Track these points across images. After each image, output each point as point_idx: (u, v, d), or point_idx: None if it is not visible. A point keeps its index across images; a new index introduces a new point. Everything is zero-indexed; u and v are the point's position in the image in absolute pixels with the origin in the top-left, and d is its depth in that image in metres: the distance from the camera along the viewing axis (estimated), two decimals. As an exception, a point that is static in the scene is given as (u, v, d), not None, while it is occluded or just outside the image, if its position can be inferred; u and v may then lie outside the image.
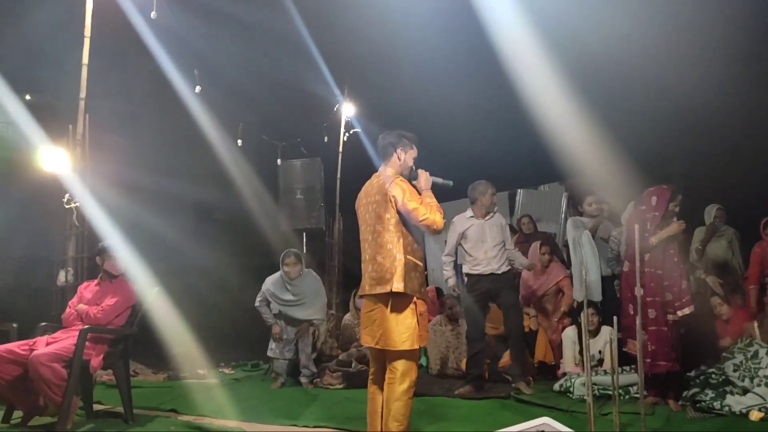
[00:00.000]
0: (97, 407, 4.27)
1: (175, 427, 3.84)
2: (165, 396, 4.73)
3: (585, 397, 3.02)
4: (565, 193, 8.14)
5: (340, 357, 5.70)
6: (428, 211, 2.86)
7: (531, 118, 6.10)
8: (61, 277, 5.25)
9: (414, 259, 2.91)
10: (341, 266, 8.28)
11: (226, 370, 6.23)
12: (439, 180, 3.14)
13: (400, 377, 2.84)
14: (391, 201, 2.90)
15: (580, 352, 4.87)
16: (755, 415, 3.56)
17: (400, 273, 2.82)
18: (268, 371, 5.79)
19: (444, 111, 8.12)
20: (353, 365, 5.45)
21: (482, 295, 4.72)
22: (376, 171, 3.17)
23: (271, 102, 7.42)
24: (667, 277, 3.98)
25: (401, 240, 2.87)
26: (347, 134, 8.35)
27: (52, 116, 5.64)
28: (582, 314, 3.43)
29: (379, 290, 2.88)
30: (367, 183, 3.15)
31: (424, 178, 3.05)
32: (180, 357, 5.59)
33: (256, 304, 5.42)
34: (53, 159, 5.07)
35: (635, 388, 4.20)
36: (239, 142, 6.77)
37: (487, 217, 4.82)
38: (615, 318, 3.29)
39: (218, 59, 6.71)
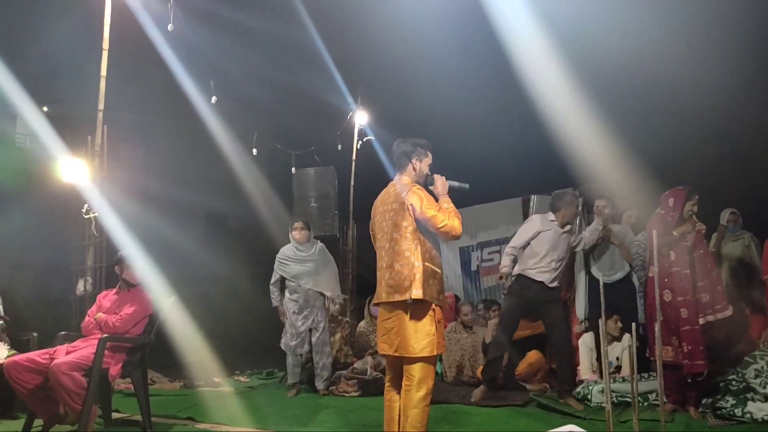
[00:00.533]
0: (115, 415, 4.30)
1: (193, 434, 3.86)
2: (182, 404, 4.75)
3: (603, 404, 2.99)
4: (579, 198, 8.08)
5: (355, 365, 5.69)
6: (446, 217, 2.87)
7: (545, 123, 6.10)
8: (80, 287, 5.31)
9: (432, 266, 2.91)
10: (355, 273, 8.29)
11: (241, 378, 6.25)
12: (456, 184, 3.12)
13: (417, 384, 2.83)
14: (408, 209, 2.90)
15: (598, 359, 4.83)
16: (777, 423, 3.51)
17: (419, 280, 2.83)
18: (282, 379, 5.80)
19: (457, 117, 8.13)
20: (368, 373, 5.45)
21: (523, 302, 4.61)
22: (390, 178, 3.17)
23: (285, 111, 7.48)
24: (701, 278, 3.99)
25: (419, 247, 2.88)
26: (360, 142, 8.38)
27: (70, 127, 5.73)
28: (600, 321, 3.41)
29: (398, 297, 2.88)
30: (383, 192, 3.14)
31: (441, 183, 3.04)
32: (195, 365, 5.63)
33: (270, 283, 5.48)
34: (72, 170, 5.14)
35: (653, 395, 4.15)
36: (254, 151, 6.82)
37: (565, 228, 4.73)
38: (633, 324, 3.26)
39: (233, 70, 6.79)
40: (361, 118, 8.36)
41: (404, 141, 3.11)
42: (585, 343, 4.94)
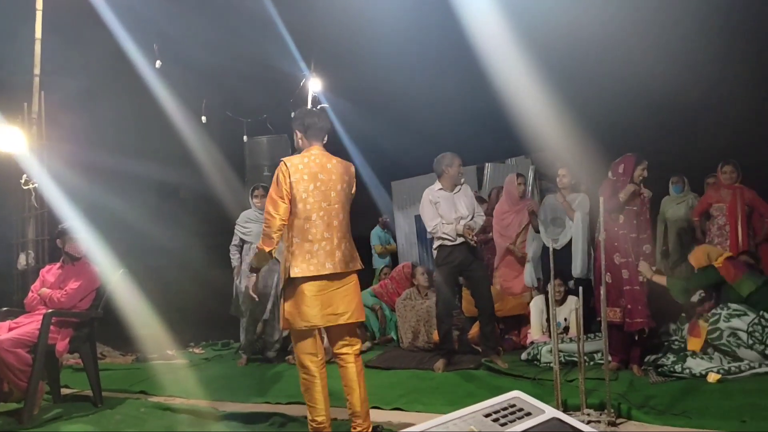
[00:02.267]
0: (64, 391, 4.21)
1: (145, 408, 3.82)
2: (134, 378, 4.69)
3: (552, 365, 3.09)
4: (531, 166, 8.23)
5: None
6: None
7: (498, 92, 6.13)
8: (22, 261, 5.12)
9: None
10: (311, 243, 8.25)
11: (196, 350, 6.19)
12: None
13: (358, 347, 3.07)
14: (353, 188, 3.12)
15: (547, 320, 4.99)
16: (713, 377, 3.70)
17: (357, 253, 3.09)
18: (238, 350, 5.78)
19: (412, 85, 8.07)
20: (325, 341, 5.46)
21: (454, 269, 4.71)
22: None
23: (235, 77, 7.26)
24: (643, 240, 4.16)
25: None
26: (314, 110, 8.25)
27: (5, 93, 5.42)
28: (549, 284, 3.51)
29: (352, 267, 2.98)
30: (318, 156, 3.01)
31: None
32: (148, 338, 5.54)
33: (231, 244, 5.44)
34: (8, 138, 4.89)
35: (599, 354, 4.33)
36: (203, 118, 6.63)
37: (455, 190, 4.81)
38: (580, 288, 3.36)
39: (178, 33, 6.50)
40: (314, 85, 8.21)
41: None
42: (536, 305, 5.09)
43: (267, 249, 2.86)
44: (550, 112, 5.80)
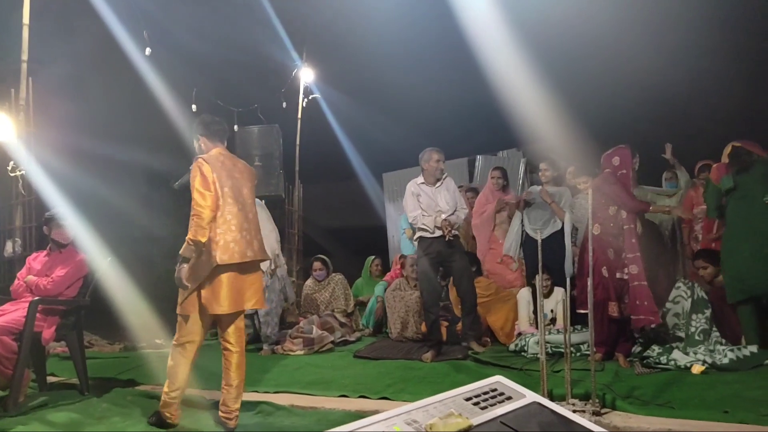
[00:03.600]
0: (51, 379, 4.19)
1: (132, 396, 3.81)
2: (122, 366, 4.67)
3: (539, 356, 3.11)
4: (523, 159, 8.26)
5: (300, 324, 5.72)
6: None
7: (490, 84, 6.13)
8: (8, 248, 5.07)
9: None
10: (301, 234, 8.25)
11: (185, 340, 6.17)
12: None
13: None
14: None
15: (534, 312, 5.02)
16: (697, 369, 3.75)
17: None
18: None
19: (404, 77, 8.06)
20: (314, 331, 5.48)
21: (435, 259, 4.79)
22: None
23: (226, 66, 7.22)
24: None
25: None
26: (306, 100, 8.22)
27: (-8, 80, 5.36)
28: (537, 276, 3.52)
29: (264, 255, 3.23)
30: (227, 157, 3.26)
31: None
32: (136, 327, 5.52)
33: None
34: (-6, 125, 4.84)
35: (586, 345, 4.36)
36: (193, 107, 6.58)
37: (437, 184, 4.86)
38: (568, 279, 3.38)
39: (168, 20, 6.44)
40: (306, 75, 8.18)
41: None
42: (523, 297, 5.12)
43: (202, 240, 2.97)
44: (542, 104, 5.81)
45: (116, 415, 3.40)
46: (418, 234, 4.85)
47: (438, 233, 4.72)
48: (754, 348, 3.92)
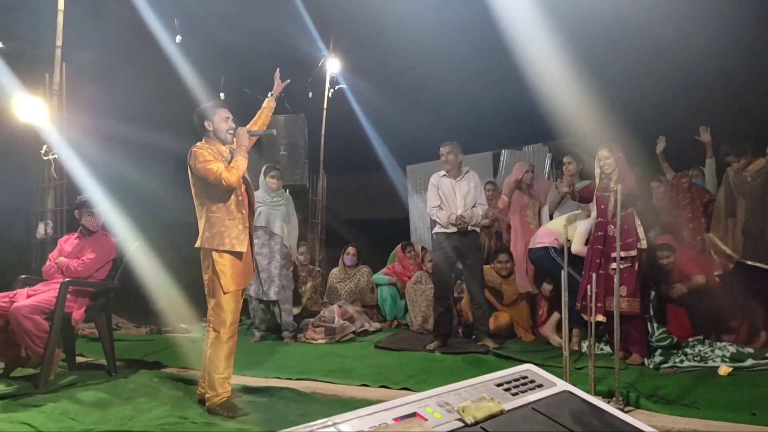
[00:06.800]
0: (79, 359, 4.29)
1: (159, 378, 3.88)
2: (148, 349, 4.75)
3: (563, 352, 3.09)
4: (548, 154, 8.17)
5: (322, 312, 5.76)
6: (218, 168, 3.16)
7: (518, 78, 6.07)
8: (41, 230, 5.18)
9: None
10: (325, 224, 8.29)
11: (210, 325, 6.25)
12: (260, 132, 3.60)
13: None
14: (189, 172, 3.32)
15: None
16: (723, 370, 3.69)
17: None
18: (250, 327, 5.84)
19: (431, 69, 8.03)
20: (336, 320, 5.52)
21: (449, 253, 4.78)
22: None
23: (254, 55, 7.25)
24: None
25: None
26: (332, 90, 8.23)
27: (27, 65, 5.47)
28: (562, 272, 3.49)
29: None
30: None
31: (242, 135, 3.30)
32: (163, 311, 5.62)
33: None
34: (29, 109, 4.94)
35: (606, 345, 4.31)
36: (222, 95, 6.63)
37: (458, 178, 4.83)
38: (593, 276, 3.35)
39: (199, 9, 6.51)
40: (333, 65, 8.18)
41: (195, 112, 3.42)
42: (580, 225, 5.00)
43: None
44: (569, 98, 5.73)
45: (142, 395, 3.47)
46: (435, 228, 4.89)
47: (452, 229, 4.72)
48: None
